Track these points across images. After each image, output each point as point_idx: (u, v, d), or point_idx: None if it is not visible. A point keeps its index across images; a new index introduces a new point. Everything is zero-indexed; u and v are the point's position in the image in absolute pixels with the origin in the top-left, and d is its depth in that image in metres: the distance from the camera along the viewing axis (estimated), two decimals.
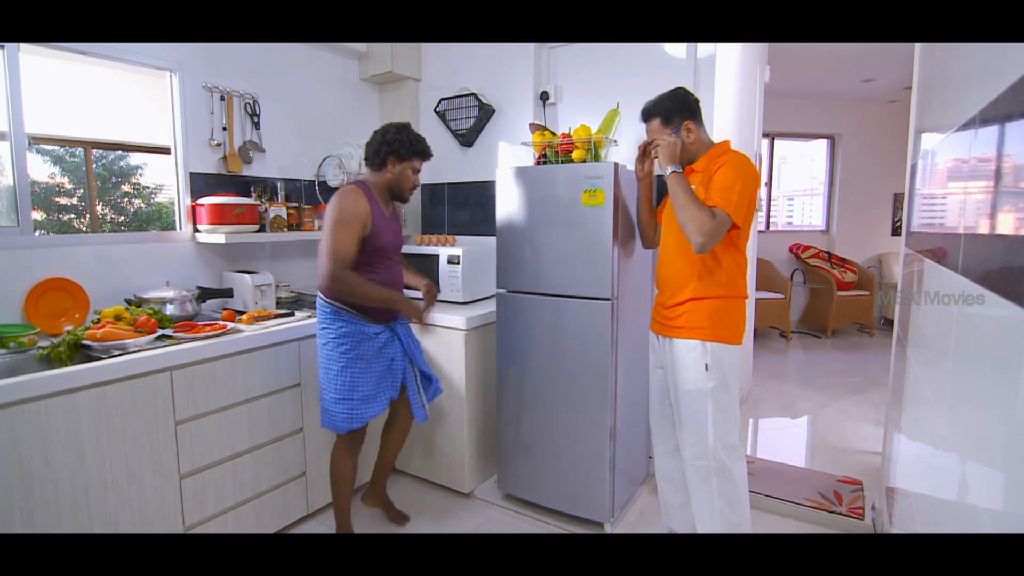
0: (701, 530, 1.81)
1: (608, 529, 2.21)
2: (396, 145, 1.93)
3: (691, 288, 1.74)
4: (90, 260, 2.09)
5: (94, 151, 2.38)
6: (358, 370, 1.94)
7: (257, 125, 2.62)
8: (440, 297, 2.53)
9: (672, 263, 1.80)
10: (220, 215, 2.30)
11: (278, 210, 2.52)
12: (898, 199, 6.08)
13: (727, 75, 2.68)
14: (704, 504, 1.78)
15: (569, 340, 2.15)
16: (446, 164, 3.15)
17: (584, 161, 2.17)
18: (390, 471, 2.36)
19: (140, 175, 2.50)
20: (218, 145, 2.48)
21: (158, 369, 1.74)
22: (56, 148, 2.26)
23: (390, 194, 2.01)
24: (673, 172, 1.67)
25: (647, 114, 1.81)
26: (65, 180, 2.30)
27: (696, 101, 1.78)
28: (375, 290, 1.88)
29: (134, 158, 2.49)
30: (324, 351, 1.97)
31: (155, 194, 2.53)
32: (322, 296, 1.96)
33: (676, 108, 1.75)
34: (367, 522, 2.31)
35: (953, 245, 1.07)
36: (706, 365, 1.72)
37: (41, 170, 2.22)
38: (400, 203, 2.09)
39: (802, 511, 2.33)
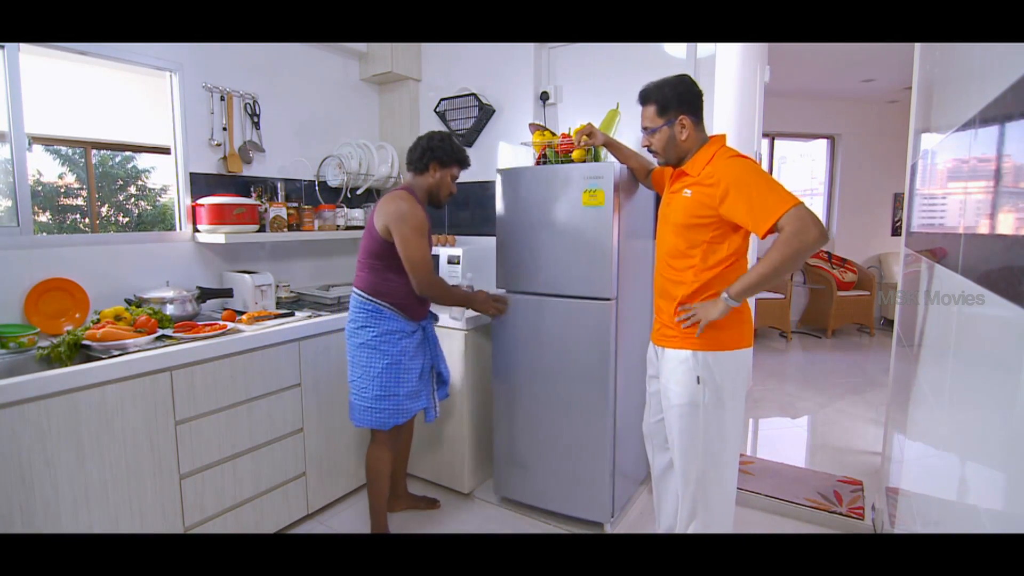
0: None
1: (608, 529, 2.20)
2: (439, 152, 2.00)
3: (681, 293, 1.65)
4: (90, 260, 2.09)
5: (95, 152, 2.38)
6: (402, 367, 1.98)
7: (257, 125, 2.62)
8: None
9: (663, 273, 1.73)
10: (220, 215, 2.30)
11: (278, 210, 2.52)
12: (898, 199, 6.08)
13: (727, 75, 2.68)
14: (686, 513, 1.73)
15: (569, 340, 2.15)
16: None
17: (584, 161, 2.17)
18: (406, 471, 2.42)
19: (147, 177, 2.50)
20: (218, 145, 2.48)
21: (158, 369, 1.74)
22: (65, 149, 2.26)
23: (428, 199, 2.06)
24: (729, 304, 1.56)
25: (644, 98, 1.70)
26: (73, 181, 2.30)
27: (699, 94, 1.67)
28: (457, 290, 2.08)
29: (143, 160, 2.49)
30: (363, 350, 1.98)
31: (160, 195, 2.53)
32: (362, 294, 1.99)
33: (674, 99, 1.63)
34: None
35: (953, 245, 1.07)
36: (698, 378, 1.63)
37: (50, 171, 2.22)
38: (435, 208, 2.13)
39: (802, 511, 2.33)
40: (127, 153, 2.49)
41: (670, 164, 1.74)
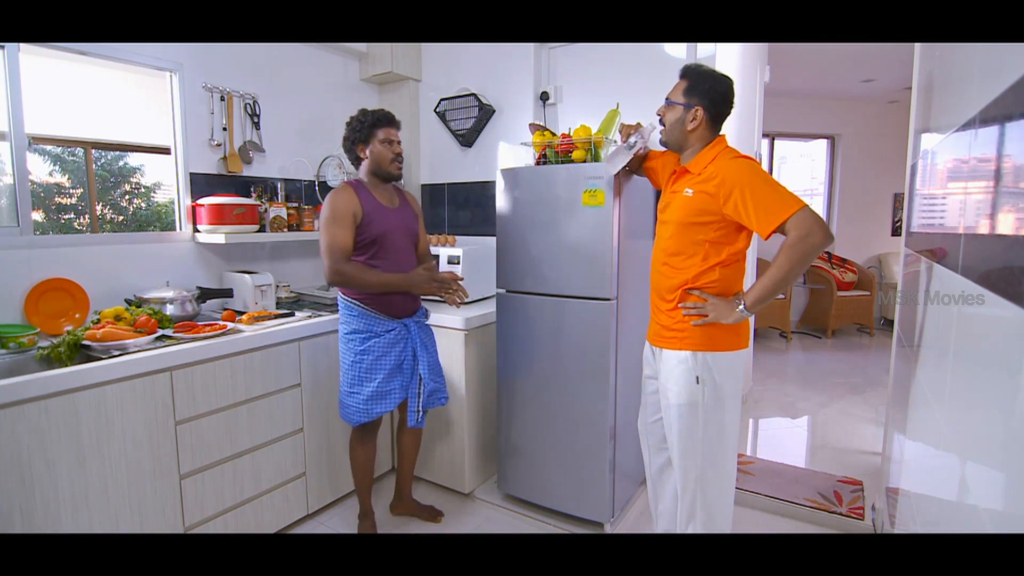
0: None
1: (608, 529, 2.20)
2: (355, 134, 2.00)
3: (679, 296, 1.65)
4: (90, 260, 2.09)
5: (94, 151, 2.38)
6: (366, 366, 2.00)
7: (257, 125, 2.62)
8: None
9: (661, 271, 1.72)
10: (220, 215, 2.30)
11: (278, 210, 2.52)
12: (898, 199, 6.08)
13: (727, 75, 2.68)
14: (685, 513, 1.73)
15: (569, 340, 2.15)
16: (446, 164, 3.15)
17: (584, 161, 2.17)
18: (412, 477, 2.35)
19: (141, 175, 2.50)
20: (218, 145, 2.48)
21: (158, 369, 1.74)
22: (55, 148, 2.26)
23: (380, 179, 2.04)
24: (744, 315, 1.58)
25: (683, 72, 1.68)
26: (65, 180, 2.30)
27: (728, 102, 1.66)
28: (376, 275, 1.94)
29: (133, 158, 2.49)
30: (341, 345, 2.07)
31: (154, 192, 2.53)
32: (340, 292, 2.05)
33: (705, 90, 1.62)
34: (384, 526, 2.31)
35: (953, 245, 1.07)
36: (697, 378, 1.63)
37: (40, 170, 2.22)
38: (391, 181, 2.06)
39: (802, 511, 2.33)
40: (117, 152, 2.48)
41: (669, 146, 1.73)
